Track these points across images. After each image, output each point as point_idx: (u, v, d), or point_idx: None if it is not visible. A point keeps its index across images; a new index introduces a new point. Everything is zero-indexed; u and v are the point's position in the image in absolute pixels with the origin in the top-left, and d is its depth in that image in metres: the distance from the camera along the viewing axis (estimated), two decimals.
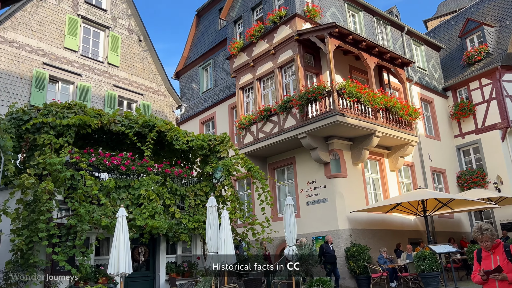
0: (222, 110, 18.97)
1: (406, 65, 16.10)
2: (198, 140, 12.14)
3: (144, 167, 10.95)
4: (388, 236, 14.38)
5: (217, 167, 12.26)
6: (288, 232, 9.98)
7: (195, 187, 12.07)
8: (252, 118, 15.19)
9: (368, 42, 14.11)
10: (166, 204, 11.04)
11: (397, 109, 14.25)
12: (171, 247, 11.87)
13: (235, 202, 12.22)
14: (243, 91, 16.51)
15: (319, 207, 13.82)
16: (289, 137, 13.81)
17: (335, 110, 12.58)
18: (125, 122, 10.88)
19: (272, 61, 15.16)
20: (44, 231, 8.50)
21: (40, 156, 9.10)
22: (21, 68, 12.85)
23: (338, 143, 13.91)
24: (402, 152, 15.18)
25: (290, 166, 15.31)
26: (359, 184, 14.23)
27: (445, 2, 40.04)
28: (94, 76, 14.85)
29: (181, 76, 22.41)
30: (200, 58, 20.89)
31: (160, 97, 17.00)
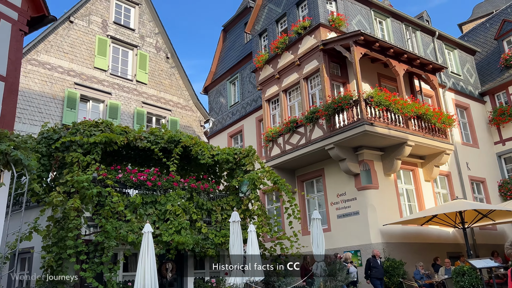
0: (249, 123, 18.93)
1: (437, 70, 15.51)
2: (223, 154, 12.09)
3: (170, 182, 10.99)
4: (424, 250, 13.69)
5: (243, 180, 12.14)
6: (316, 247, 9.68)
7: (221, 202, 12.00)
8: (279, 130, 15.03)
9: (396, 49, 13.70)
10: (193, 219, 11.01)
11: (430, 116, 13.68)
12: (199, 262, 11.79)
13: (262, 216, 12.03)
14: (269, 103, 16.41)
15: (350, 220, 13.38)
16: (317, 148, 13.52)
17: (363, 119, 12.21)
18: (151, 138, 11.00)
19: (298, 72, 15.00)
20: (72, 248, 8.63)
21: (68, 174, 9.31)
22: (53, 89, 13.35)
23: (368, 153, 13.48)
24: (437, 161, 14.51)
25: (319, 178, 14.97)
26: (392, 195, 13.68)
27: (481, 4, 38.67)
28: (123, 94, 15.21)
29: (210, 91, 22.61)
30: (227, 73, 21.03)
31: (188, 112, 17.17)
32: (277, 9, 16.87)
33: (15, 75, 7.82)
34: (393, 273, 11.86)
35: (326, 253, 13.71)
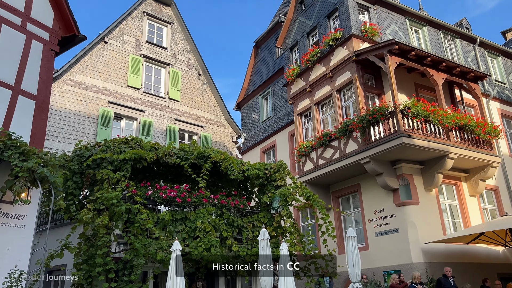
0: (282, 138, 18.63)
1: (480, 79, 14.65)
2: (253, 169, 11.82)
3: (200, 198, 10.82)
4: (471, 270, 12.68)
5: (274, 196, 11.78)
6: (351, 267, 9.12)
7: (252, 218, 11.68)
8: (311, 144, 14.62)
9: (434, 57, 13.07)
10: (223, 236, 10.74)
11: (473, 127, 12.86)
12: (230, 282, 11.46)
13: (294, 234, 11.58)
14: (301, 117, 16.07)
15: (389, 238, 12.65)
16: (351, 162, 12.99)
17: (400, 131, 11.62)
18: (180, 154, 10.92)
19: (330, 84, 14.62)
20: (101, 266, 8.56)
21: (98, 191, 9.34)
22: (88, 107, 13.68)
23: (407, 167, 12.78)
24: (483, 175, 13.57)
25: (356, 194, 14.35)
26: (434, 212, 12.86)
27: None
28: (156, 111, 15.38)
29: (242, 107, 22.58)
30: (259, 88, 20.94)
31: (220, 128, 17.13)
32: (307, 22, 16.66)
33: (45, 93, 7.94)
34: None
35: (363, 273, 13.04)
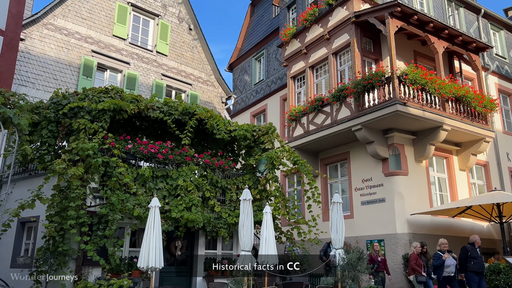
0: (273, 102, 18.08)
1: (481, 50, 14.12)
2: (241, 130, 11.36)
3: (183, 156, 10.38)
4: (455, 244, 12.52)
5: (261, 159, 11.40)
6: (335, 233, 8.87)
7: (237, 180, 11.33)
8: (303, 109, 14.12)
9: (436, 23, 12.44)
10: (206, 197, 10.40)
11: (470, 99, 12.43)
12: (211, 242, 11.23)
13: (279, 198, 11.29)
14: (294, 80, 15.48)
15: (375, 208, 12.44)
16: (343, 129, 12.57)
17: (395, 98, 11.15)
18: (164, 108, 10.37)
19: (326, 47, 13.97)
20: (74, 219, 8.17)
21: (74, 142, 8.81)
22: (69, 55, 12.90)
23: (399, 136, 12.41)
24: (475, 149, 13.28)
25: (344, 162, 14.03)
26: (422, 183, 12.62)
27: None
28: (142, 64, 14.65)
29: (234, 68, 21.84)
30: (253, 49, 20.16)
31: (209, 87, 16.49)
32: None
33: (15, 30, 7.26)
34: None
35: (346, 241, 12.90)
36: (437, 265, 8.96)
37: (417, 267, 9.08)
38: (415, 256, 9.42)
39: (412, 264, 9.29)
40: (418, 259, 9.22)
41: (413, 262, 9.28)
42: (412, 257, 9.44)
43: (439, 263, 8.92)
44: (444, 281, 8.96)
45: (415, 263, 9.20)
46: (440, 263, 8.90)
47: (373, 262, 9.65)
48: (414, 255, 9.46)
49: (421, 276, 9.05)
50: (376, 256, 10.18)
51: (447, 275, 8.90)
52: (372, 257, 10.02)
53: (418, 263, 9.13)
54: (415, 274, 9.26)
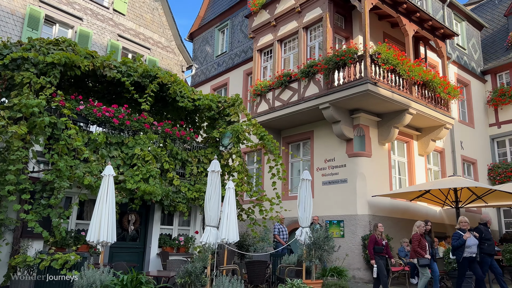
0: (236, 76, 17.35)
1: (448, 37, 14.23)
2: (206, 99, 10.61)
3: (141, 123, 9.49)
4: (411, 226, 12.77)
5: (226, 132, 10.76)
6: (302, 211, 8.48)
7: (199, 153, 10.63)
8: (269, 84, 13.55)
9: (410, 5, 12.26)
10: (164, 169, 9.63)
11: (436, 84, 12.47)
12: (167, 217, 10.52)
13: (242, 174, 10.76)
14: (261, 53, 14.82)
15: (336, 188, 12.27)
16: (310, 106, 12.17)
17: (367, 77, 10.87)
18: (122, 68, 9.37)
19: (297, 20, 13.40)
20: (13, 184, 7.13)
21: (16, 97, 7.66)
22: (12, 2, 11.34)
23: (365, 118, 12.24)
24: (435, 135, 13.45)
25: (307, 141, 13.71)
26: (384, 166, 12.60)
27: None
28: (97, 22, 13.30)
29: (195, 38, 20.74)
30: (217, 19, 19.17)
31: (169, 54, 15.41)
32: None
33: None
34: None
35: None
36: (457, 245, 8.05)
37: (419, 249, 8.28)
38: (418, 237, 8.45)
39: (415, 245, 8.36)
40: (421, 240, 8.40)
41: (416, 244, 8.36)
42: (415, 238, 8.46)
43: (459, 243, 8.01)
44: (465, 262, 8.03)
45: (418, 245, 8.32)
46: (460, 243, 7.99)
47: (377, 245, 8.57)
48: (417, 235, 8.46)
49: (424, 259, 8.23)
50: (381, 239, 8.78)
51: (468, 256, 7.99)
52: (377, 240, 8.67)
53: (421, 245, 8.34)
54: (417, 256, 8.33)
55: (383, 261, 8.59)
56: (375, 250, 8.45)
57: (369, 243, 8.59)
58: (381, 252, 8.51)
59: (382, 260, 8.50)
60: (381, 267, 8.36)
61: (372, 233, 8.81)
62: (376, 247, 8.48)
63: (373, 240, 8.55)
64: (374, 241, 8.53)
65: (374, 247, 8.45)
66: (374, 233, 8.70)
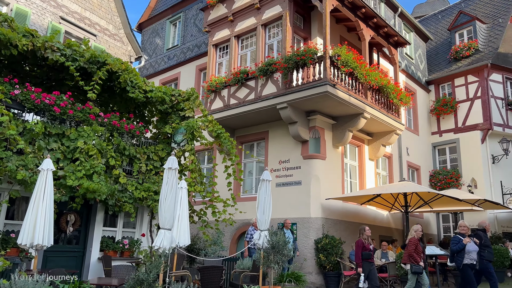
0: (188, 71, 16.61)
1: (400, 45, 14.60)
2: (158, 92, 9.86)
3: (86, 113, 8.57)
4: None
5: (179, 128, 10.08)
6: (261, 213, 8.04)
7: (148, 149, 9.84)
8: (225, 81, 13.03)
9: (368, 10, 12.37)
10: (110, 165, 8.77)
11: (390, 90, 12.67)
12: (110, 218, 9.61)
13: (196, 173, 10.13)
14: (216, 49, 14.26)
15: (290, 190, 12.03)
16: (267, 106, 11.83)
17: (326, 79, 10.73)
18: (67, 52, 8.40)
19: (256, 17, 13.02)
20: None
21: None
22: None
23: (321, 120, 12.13)
24: (385, 140, 13.70)
25: (262, 142, 13.36)
26: (337, 169, 12.58)
27: (421, 4, 39.47)
28: (37, 1, 12.00)
29: (144, 29, 19.68)
30: (169, 10, 18.30)
31: (117, 43, 14.35)
32: None
33: None
34: (331, 252, 10.80)
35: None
36: (457, 249, 7.59)
37: (415, 255, 7.79)
38: (416, 241, 7.94)
39: (410, 250, 7.82)
40: (418, 245, 7.81)
41: (412, 248, 7.82)
42: (412, 242, 7.93)
43: (459, 248, 7.56)
44: (466, 268, 7.58)
45: (414, 249, 7.79)
46: (459, 248, 7.55)
47: (365, 251, 8.09)
48: (415, 240, 7.96)
49: (417, 266, 7.75)
50: (368, 244, 8.27)
51: (469, 263, 7.55)
52: (364, 245, 8.19)
53: (417, 250, 7.84)
54: (411, 262, 7.82)
55: (372, 267, 8.18)
56: (363, 256, 8.00)
57: (356, 249, 8.11)
58: (369, 258, 8.08)
59: (371, 267, 8.10)
60: (373, 275, 8.01)
61: (359, 238, 8.28)
62: (364, 252, 8.04)
63: (360, 245, 8.06)
64: (361, 246, 8.05)
65: (362, 253, 8.00)
66: (361, 238, 8.22)
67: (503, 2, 19.22)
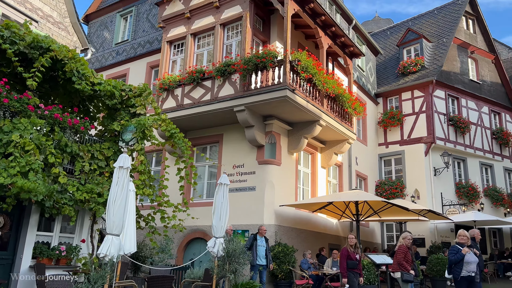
0: (138, 68, 15.76)
1: (356, 56, 14.85)
2: (108, 85, 9.08)
3: (23, 104, 7.63)
4: (311, 238, 12.79)
5: (129, 125, 9.34)
6: (217, 219, 7.59)
7: (93, 147, 9.00)
8: (179, 79, 12.42)
9: (328, 18, 12.42)
10: (49, 162, 7.88)
11: (345, 99, 12.76)
12: (45, 222, 8.63)
13: (145, 175, 9.43)
14: (171, 46, 13.62)
15: (243, 196, 11.64)
16: (223, 108, 11.39)
17: (285, 83, 10.52)
18: (5, 33, 7.46)
19: (215, 15, 12.59)
20: None
21: None
22: None
23: (277, 125, 11.91)
24: (338, 149, 13.78)
25: (215, 145, 12.88)
26: (291, 176, 12.40)
27: (368, 21, 41.22)
28: None
29: (92, 21, 18.51)
30: (120, 3, 17.36)
31: (61, 32, 13.22)
32: None
33: None
34: (284, 260, 10.52)
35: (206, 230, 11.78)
36: (455, 260, 7.05)
37: (405, 263, 7.43)
38: (405, 249, 7.58)
39: (399, 258, 7.46)
40: (407, 253, 7.45)
41: (401, 256, 7.46)
42: (401, 249, 7.57)
43: (457, 258, 7.02)
44: (463, 282, 7.01)
45: (403, 258, 7.44)
46: (458, 258, 7.01)
47: (350, 260, 7.74)
48: (404, 247, 7.60)
49: (408, 274, 7.40)
50: (354, 253, 7.95)
51: (466, 275, 6.95)
52: (349, 254, 7.87)
53: (407, 258, 7.36)
54: (402, 270, 7.47)
55: (357, 278, 7.84)
56: (348, 266, 7.66)
57: (341, 258, 7.78)
58: (354, 268, 7.74)
59: (356, 278, 7.76)
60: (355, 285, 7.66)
61: (344, 246, 7.95)
62: (349, 262, 7.72)
63: (345, 254, 7.72)
64: (346, 255, 7.72)
65: (347, 262, 7.67)
66: (346, 246, 7.89)
67: (447, 24, 20.36)
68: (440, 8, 21.77)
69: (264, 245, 9.71)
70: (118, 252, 5.79)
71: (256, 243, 9.60)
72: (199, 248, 12.08)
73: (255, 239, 9.68)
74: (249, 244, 9.45)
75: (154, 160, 14.18)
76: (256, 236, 9.76)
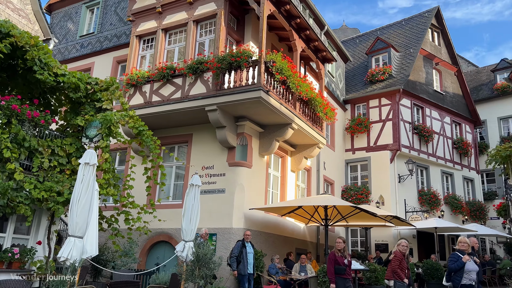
0: (103, 62, 15.07)
1: (328, 61, 14.91)
2: (72, 77, 8.52)
3: None
4: (279, 242, 12.61)
5: (94, 121, 8.80)
6: (187, 222, 7.24)
7: (54, 143, 8.40)
8: (148, 75, 11.94)
9: (303, 21, 12.35)
10: (4, 157, 7.26)
11: (318, 103, 12.72)
12: None
13: (110, 174, 8.90)
14: (140, 40, 13.09)
15: (212, 199, 11.30)
16: (195, 106, 11.02)
17: (260, 84, 10.31)
18: None
19: (188, 11, 12.21)
20: None
21: None
22: None
23: (249, 127, 11.67)
24: (308, 153, 13.71)
25: (184, 145, 12.47)
26: (262, 179, 12.19)
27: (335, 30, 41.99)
28: None
29: (55, 11, 17.58)
30: None
31: (22, 19, 12.40)
32: None
33: None
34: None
35: (172, 233, 11.35)
36: (455, 268, 6.88)
37: (399, 271, 7.00)
38: (400, 256, 7.23)
39: (394, 265, 7.13)
40: (402, 261, 7.08)
41: (396, 264, 7.14)
42: (396, 257, 7.24)
43: (457, 266, 6.85)
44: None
45: (398, 265, 7.11)
46: (458, 266, 6.84)
47: (338, 265, 7.36)
48: (399, 254, 7.27)
49: (402, 283, 7.07)
50: (342, 257, 7.58)
51: (468, 283, 6.77)
52: (336, 258, 7.53)
53: (402, 266, 7.00)
54: (395, 278, 7.12)
55: (347, 284, 7.49)
56: (336, 271, 7.33)
57: (328, 263, 7.43)
58: (342, 273, 7.38)
59: (346, 284, 7.40)
60: None
61: (331, 251, 7.58)
62: (337, 267, 7.37)
63: (332, 259, 7.38)
64: (333, 259, 7.39)
65: (334, 267, 7.34)
66: (333, 250, 7.55)
67: (415, 35, 20.93)
68: (407, 20, 22.38)
69: (252, 251, 9.36)
70: (81, 256, 5.32)
71: (246, 250, 9.14)
72: (163, 252, 11.61)
73: (244, 246, 9.25)
74: (237, 252, 8.98)
75: (118, 159, 13.56)
76: (244, 243, 9.37)
